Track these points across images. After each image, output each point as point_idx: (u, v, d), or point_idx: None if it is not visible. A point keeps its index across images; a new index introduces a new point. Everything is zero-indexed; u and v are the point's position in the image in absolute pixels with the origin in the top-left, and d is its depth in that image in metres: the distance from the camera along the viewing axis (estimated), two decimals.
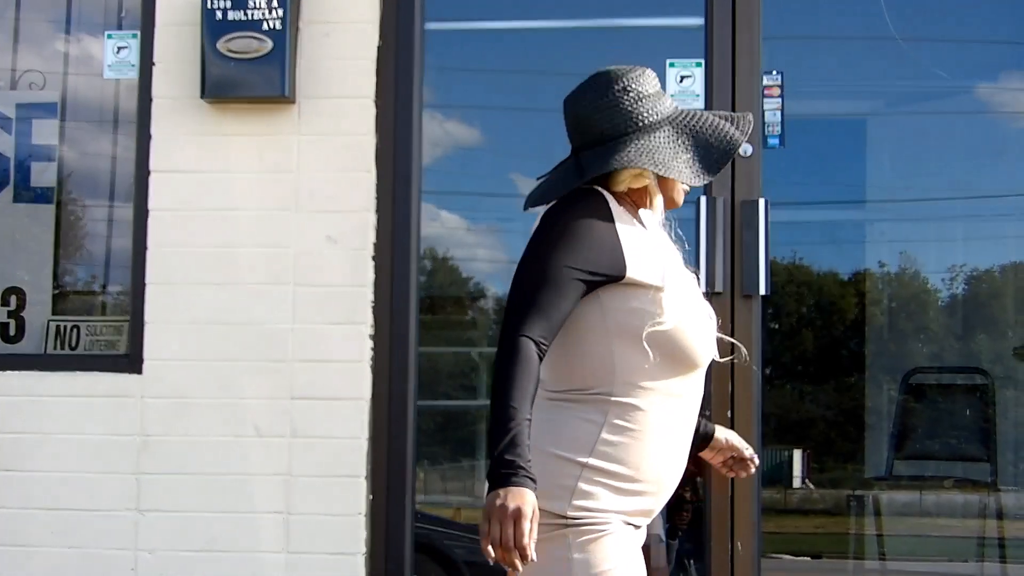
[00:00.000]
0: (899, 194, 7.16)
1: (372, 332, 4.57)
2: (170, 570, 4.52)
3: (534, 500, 2.31)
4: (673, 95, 4.54)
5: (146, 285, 4.63)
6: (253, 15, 4.53)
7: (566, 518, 2.52)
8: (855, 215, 7.35)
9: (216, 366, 4.57)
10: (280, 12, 4.53)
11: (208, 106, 4.64)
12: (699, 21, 4.65)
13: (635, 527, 2.62)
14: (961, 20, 6.41)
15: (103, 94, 5.20)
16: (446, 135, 6.48)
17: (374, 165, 4.62)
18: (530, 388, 2.39)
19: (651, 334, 2.52)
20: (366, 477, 4.52)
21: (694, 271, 2.77)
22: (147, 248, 4.64)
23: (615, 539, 2.54)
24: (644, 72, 2.67)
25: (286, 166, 4.61)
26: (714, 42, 4.59)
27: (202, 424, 4.55)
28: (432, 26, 4.87)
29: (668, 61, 4.67)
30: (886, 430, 6.90)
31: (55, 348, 4.97)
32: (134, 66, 4.85)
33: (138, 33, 4.83)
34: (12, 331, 5.02)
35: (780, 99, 4.76)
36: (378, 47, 4.67)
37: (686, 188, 2.72)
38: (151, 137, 4.68)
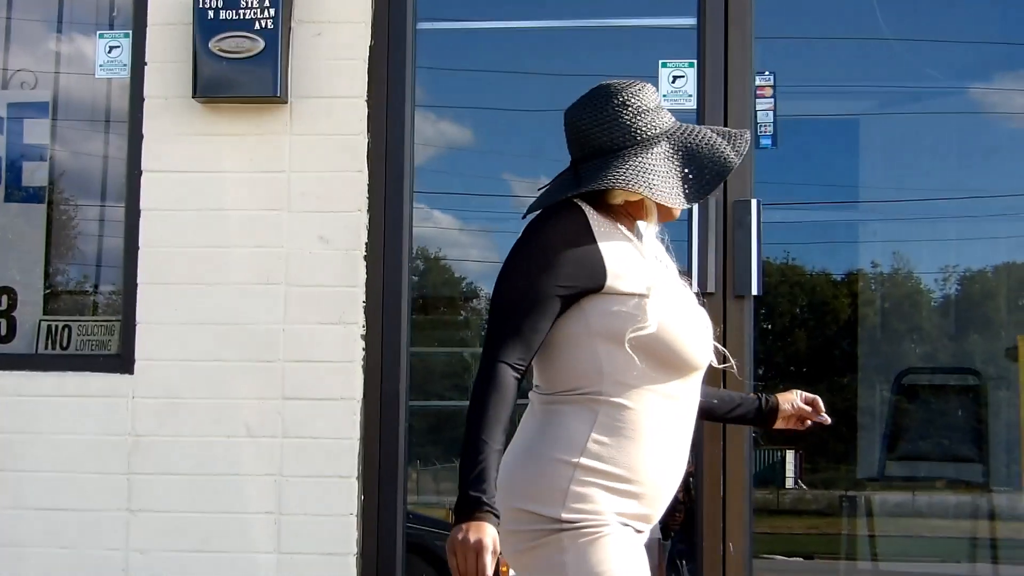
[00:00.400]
0: (892, 194, 7.17)
1: (364, 332, 4.57)
2: (161, 570, 4.51)
3: (495, 533, 2.41)
4: (666, 95, 4.54)
5: (137, 285, 4.62)
6: (245, 15, 4.53)
7: (561, 521, 2.52)
8: (848, 215, 7.36)
9: (208, 366, 4.56)
10: (272, 12, 4.52)
11: (200, 106, 4.63)
12: (692, 21, 4.65)
13: (635, 531, 2.61)
14: (953, 20, 6.41)
15: (95, 94, 5.19)
16: (438, 135, 6.48)
17: (366, 165, 4.62)
18: (503, 416, 2.47)
19: (634, 339, 2.53)
20: (357, 477, 4.52)
21: (689, 282, 2.80)
22: (139, 248, 4.64)
23: (612, 540, 2.54)
24: (644, 87, 2.70)
25: (278, 166, 4.61)
26: (707, 42, 4.59)
27: (193, 424, 4.55)
28: (424, 26, 4.86)
29: (661, 61, 4.67)
30: (879, 431, 6.90)
31: (46, 348, 4.96)
32: (126, 66, 4.85)
33: (130, 33, 4.83)
34: (3, 331, 5.02)
35: (772, 99, 4.77)
36: (370, 47, 4.67)
37: None
38: (143, 137, 4.68)
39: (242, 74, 4.54)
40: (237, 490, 4.51)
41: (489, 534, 2.39)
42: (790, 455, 8.87)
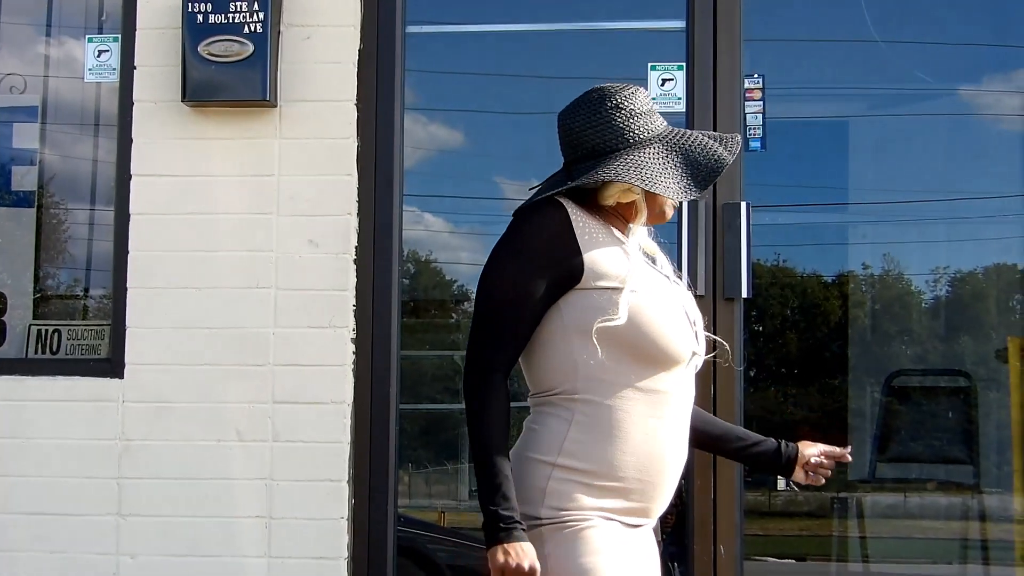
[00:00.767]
0: (881, 196, 7.18)
1: (354, 336, 4.56)
2: (151, 574, 4.51)
3: (534, 552, 2.48)
4: (655, 98, 4.54)
5: (127, 289, 4.61)
6: (234, 18, 4.52)
7: (541, 519, 2.57)
8: (837, 217, 7.37)
9: (197, 370, 4.56)
10: (261, 15, 4.52)
11: (189, 110, 4.63)
12: (680, 24, 4.65)
13: (629, 525, 2.63)
14: (941, 23, 6.43)
15: (84, 98, 5.19)
16: (428, 138, 6.48)
17: (356, 168, 4.62)
18: (504, 424, 2.55)
19: (603, 330, 2.55)
20: (348, 481, 4.52)
21: (678, 281, 2.81)
22: (128, 252, 4.63)
23: (595, 532, 2.57)
24: (637, 90, 2.73)
25: (267, 170, 4.60)
26: (695, 45, 4.59)
27: (183, 428, 4.54)
28: (414, 29, 4.87)
29: (649, 64, 4.68)
30: (869, 432, 6.91)
31: (36, 352, 4.95)
32: (115, 70, 4.84)
33: (119, 37, 4.81)
34: None
35: (761, 102, 4.77)
36: (360, 50, 4.67)
37: (675, 203, 2.76)
38: (132, 141, 4.67)
39: (231, 78, 4.53)
40: (227, 494, 4.51)
41: (531, 555, 2.47)
42: None
